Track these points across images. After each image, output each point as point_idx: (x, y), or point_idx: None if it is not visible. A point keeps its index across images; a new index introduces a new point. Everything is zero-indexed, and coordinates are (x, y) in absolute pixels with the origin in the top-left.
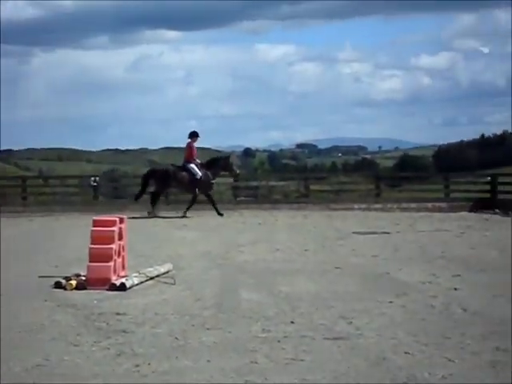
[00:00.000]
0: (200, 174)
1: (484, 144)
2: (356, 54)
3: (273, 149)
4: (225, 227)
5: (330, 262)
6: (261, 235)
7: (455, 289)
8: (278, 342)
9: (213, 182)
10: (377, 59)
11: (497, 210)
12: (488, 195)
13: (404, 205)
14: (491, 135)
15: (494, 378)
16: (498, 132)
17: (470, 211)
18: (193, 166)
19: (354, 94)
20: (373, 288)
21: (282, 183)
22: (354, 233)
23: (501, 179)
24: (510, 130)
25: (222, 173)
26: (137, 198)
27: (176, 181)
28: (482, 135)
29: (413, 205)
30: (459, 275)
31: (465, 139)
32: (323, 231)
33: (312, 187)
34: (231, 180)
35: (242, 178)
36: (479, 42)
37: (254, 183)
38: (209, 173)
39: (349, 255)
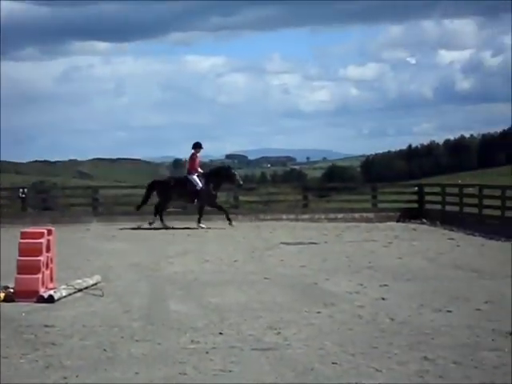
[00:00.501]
0: (200, 185)
1: (411, 154)
2: (285, 66)
3: (202, 160)
4: (154, 239)
5: (258, 272)
6: (190, 246)
7: (382, 298)
8: (207, 353)
9: (214, 192)
10: (305, 70)
11: (424, 220)
12: (415, 205)
13: (332, 215)
14: (419, 145)
15: None
16: (426, 142)
17: (398, 221)
18: (194, 177)
19: (283, 105)
20: (301, 298)
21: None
22: (282, 243)
23: (428, 189)
24: (436, 141)
25: (225, 183)
26: (138, 208)
27: (177, 192)
28: (410, 146)
29: (340, 215)
30: (386, 285)
31: (392, 150)
32: (252, 242)
33: (241, 198)
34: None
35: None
36: (406, 52)
37: None
38: (211, 184)
39: (277, 266)
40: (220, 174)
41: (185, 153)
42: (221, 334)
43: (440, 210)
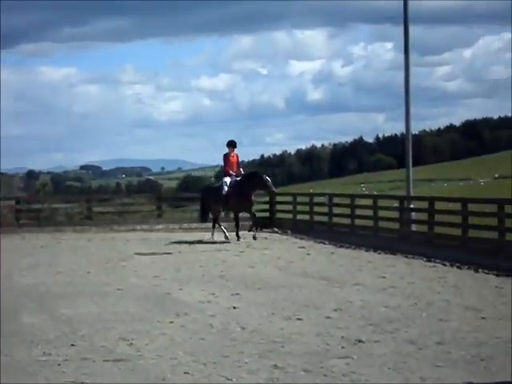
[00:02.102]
0: (226, 189)
1: (264, 164)
2: (138, 76)
3: (56, 171)
4: (7, 251)
5: (111, 283)
6: (43, 258)
7: (234, 307)
8: (59, 365)
9: (242, 199)
10: (158, 81)
11: (275, 229)
12: (267, 214)
13: (186, 225)
14: (271, 155)
15: None
16: (278, 152)
17: (250, 230)
18: (226, 180)
19: (137, 116)
20: (153, 309)
21: (65, 205)
22: (136, 254)
23: (279, 198)
24: (288, 151)
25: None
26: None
27: (212, 199)
28: (262, 155)
29: (194, 225)
30: (238, 294)
31: (246, 159)
32: (106, 253)
33: (96, 209)
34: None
35: (23, 200)
36: (258, 63)
37: (37, 206)
38: (242, 189)
39: (130, 276)
40: (251, 179)
41: (39, 164)
42: (73, 345)
43: (291, 219)
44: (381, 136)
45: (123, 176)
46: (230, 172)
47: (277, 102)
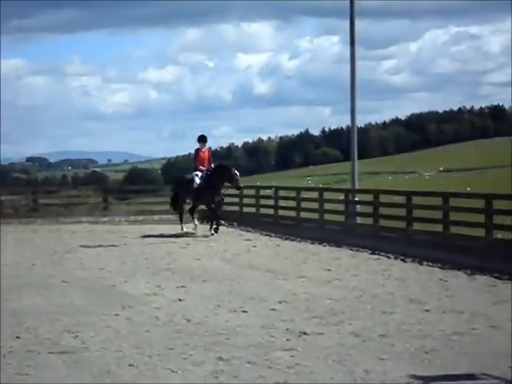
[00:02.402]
0: (197, 182)
1: (211, 157)
2: (85, 68)
3: (3, 163)
4: None
5: (56, 275)
6: None
7: (179, 300)
8: (4, 357)
9: (211, 193)
10: (105, 73)
11: (221, 222)
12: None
13: (132, 218)
14: (218, 148)
15: None
16: (225, 145)
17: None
18: (196, 173)
19: (84, 108)
20: (99, 301)
21: (11, 197)
22: (81, 246)
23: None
24: (235, 143)
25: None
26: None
27: (184, 191)
28: (209, 148)
29: (140, 217)
30: (184, 286)
31: (192, 152)
32: (51, 245)
33: (42, 201)
34: None
35: None
36: (205, 55)
37: None
38: (212, 182)
39: (76, 269)
40: (219, 172)
41: None
42: (18, 337)
43: (237, 212)
44: (327, 129)
45: (69, 168)
46: (200, 167)
47: (224, 95)
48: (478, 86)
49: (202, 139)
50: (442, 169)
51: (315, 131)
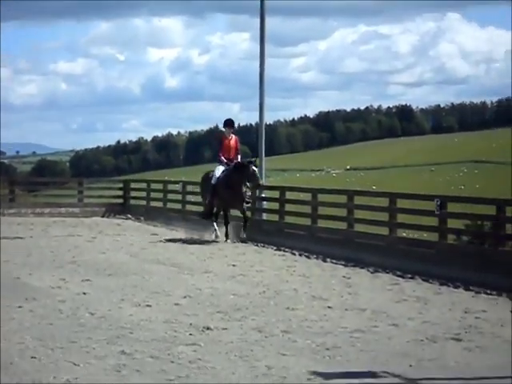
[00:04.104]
0: (216, 178)
1: (120, 150)
2: None
3: None
4: None
5: None
6: None
7: (84, 293)
8: None
9: (231, 193)
10: (16, 64)
11: (129, 215)
12: (120, 200)
13: (38, 210)
14: (127, 142)
15: (119, 382)
16: (134, 139)
17: (103, 216)
18: (218, 167)
19: None
20: (2, 293)
21: None
22: None
23: (133, 185)
24: (145, 137)
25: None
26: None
27: (206, 188)
28: (118, 141)
29: (47, 210)
30: (88, 280)
31: (101, 145)
32: None
33: None
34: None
35: None
36: (115, 49)
37: None
38: (235, 178)
39: None
40: (241, 169)
41: None
42: None
43: (144, 206)
44: (236, 125)
45: None
46: (223, 158)
47: (134, 89)
48: (385, 86)
49: (230, 123)
50: (348, 167)
51: None
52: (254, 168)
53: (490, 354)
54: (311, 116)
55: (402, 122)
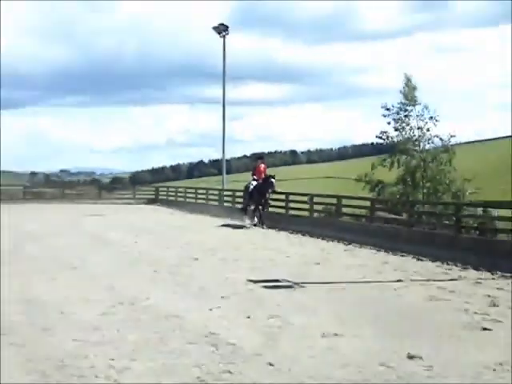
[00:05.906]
0: (251, 188)
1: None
2: None
3: None
4: None
5: None
6: None
7: (135, 242)
8: None
9: (260, 194)
10: None
11: (158, 204)
12: (153, 197)
13: (113, 200)
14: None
15: (153, 284)
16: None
17: (145, 204)
18: (253, 182)
19: None
20: (95, 242)
21: None
22: None
23: (161, 189)
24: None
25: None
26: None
27: (246, 194)
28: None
29: (118, 201)
30: (137, 235)
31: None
32: None
33: None
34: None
35: None
36: None
37: None
38: (263, 188)
39: None
40: (266, 181)
41: None
42: None
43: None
44: None
45: None
46: (255, 177)
47: None
48: None
49: (261, 158)
50: None
51: None
52: (273, 180)
53: None
54: None
55: None
